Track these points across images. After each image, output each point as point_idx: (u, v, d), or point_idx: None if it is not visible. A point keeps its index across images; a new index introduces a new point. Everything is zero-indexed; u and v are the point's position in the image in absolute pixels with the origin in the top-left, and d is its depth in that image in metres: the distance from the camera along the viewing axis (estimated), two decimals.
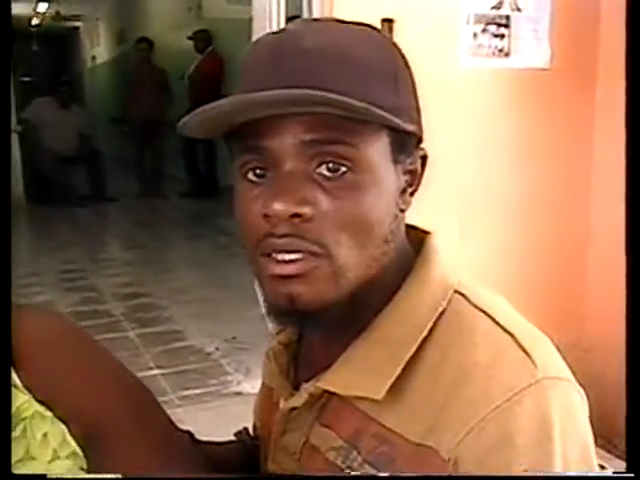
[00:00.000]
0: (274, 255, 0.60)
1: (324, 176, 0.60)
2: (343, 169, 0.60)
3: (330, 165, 0.60)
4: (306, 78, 0.58)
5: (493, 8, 2.09)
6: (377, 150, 0.61)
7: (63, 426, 0.60)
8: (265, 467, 0.76)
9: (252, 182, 0.62)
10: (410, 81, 0.66)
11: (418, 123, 0.66)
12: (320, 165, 0.60)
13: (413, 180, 0.67)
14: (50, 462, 0.59)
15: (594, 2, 2.21)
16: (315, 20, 0.66)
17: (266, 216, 0.59)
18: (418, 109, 0.66)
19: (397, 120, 0.60)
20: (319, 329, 0.66)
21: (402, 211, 0.66)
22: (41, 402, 0.59)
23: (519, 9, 2.11)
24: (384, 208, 0.62)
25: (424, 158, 0.68)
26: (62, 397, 0.61)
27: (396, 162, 0.63)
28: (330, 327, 0.64)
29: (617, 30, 1.91)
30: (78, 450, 0.60)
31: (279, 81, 0.58)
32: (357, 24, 0.65)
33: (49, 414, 0.59)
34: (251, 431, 0.88)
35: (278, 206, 0.58)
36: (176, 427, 0.73)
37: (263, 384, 0.83)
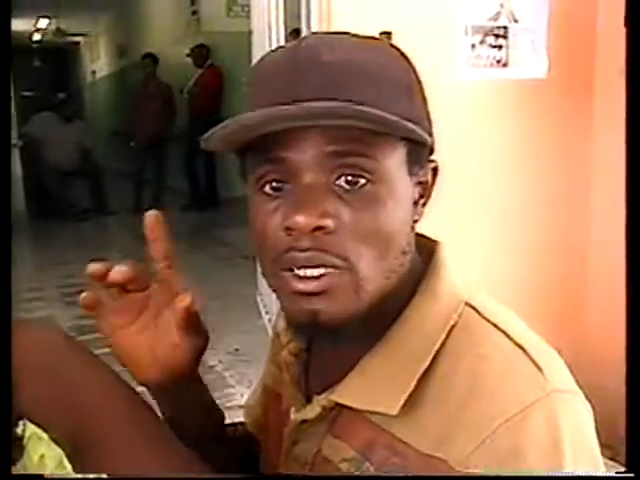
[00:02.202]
0: (296, 271, 0.60)
1: (343, 188, 0.60)
2: (362, 181, 0.60)
3: (349, 177, 0.60)
4: (326, 91, 0.58)
5: (490, 19, 2.10)
6: (395, 162, 0.61)
7: (59, 449, 0.59)
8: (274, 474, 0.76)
9: (269, 195, 0.62)
10: (422, 93, 0.66)
11: (430, 134, 0.66)
12: (339, 177, 0.60)
13: (424, 191, 0.67)
14: None
15: (590, 12, 2.22)
16: (328, 34, 0.67)
17: (288, 229, 0.59)
18: (430, 120, 0.67)
19: (422, 132, 0.61)
20: (338, 341, 0.66)
21: (415, 222, 0.66)
22: (37, 424, 0.59)
23: (516, 20, 2.13)
24: (402, 219, 0.63)
25: (435, 170, 0.68)
26: (56, 416, 0.60)
27: (411, 174, 0.64)
28: (347, 339, 0.64)
29: (613, 40, 1.92)
30: (72, 473, 0.59)
31: (299, 94, 0.58)
32: (368, 37, 0.65)
33: (45, 437, 0.59)
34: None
35: (301, 219, 0.57)
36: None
37: (267, 389, 0.83)
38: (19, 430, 0.57)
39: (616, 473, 0.63)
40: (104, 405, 0.63)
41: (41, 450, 0.58)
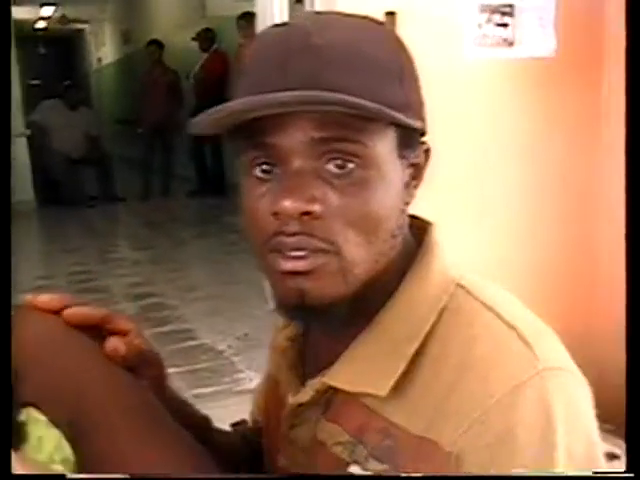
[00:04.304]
0: (283, 251, 0.60)
1: (332, 173, 0.60)
2: (351, 165, 0.60)
3: (338, 162, 0.60)
4: (315, 76, 0.58)
5: None
6: (384, 146, 0.61)
7: (57, 430, 0.59)
8: (274, 460, 0.76)
9: (259, 179, 0.62)
10: (414, 74, 0.66)
11: (422, 117, 0.66)
12: (328, 162, 0.60)
13: (417, 174, 0.67)
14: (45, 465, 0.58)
15: None
16: (319, 14, 0.65)
17: (275, 214, 0.59)
18: (422, 102, 0.66)
19: (407, 119, 0.61)
20: (327, 323, 0.66)
21: (406, 204, 0.66)
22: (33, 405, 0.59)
23: None
24: (391, 203, 0.62)
25: (427, 151, 0.68)
26: (58, 402, 0.60)
27: (402, 157, 0.63)
28: (337, 322, 0.64)
29: (622, 17, 1.90)
30: (71, 456, 0.59)
31: (288, 80, 0.58)
32: (360, 17, 0.65)
33: (43, 418, 0.59)
34: (250, 422, 0.89)
35: (288, 204, 0.58)
36: (192, 423, 0.73)
37: (269, 376, 0.84)
38: (22, 417, 0.57)
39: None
40: (105, 391, 0.63)
41: (39, 432, 0.58)
